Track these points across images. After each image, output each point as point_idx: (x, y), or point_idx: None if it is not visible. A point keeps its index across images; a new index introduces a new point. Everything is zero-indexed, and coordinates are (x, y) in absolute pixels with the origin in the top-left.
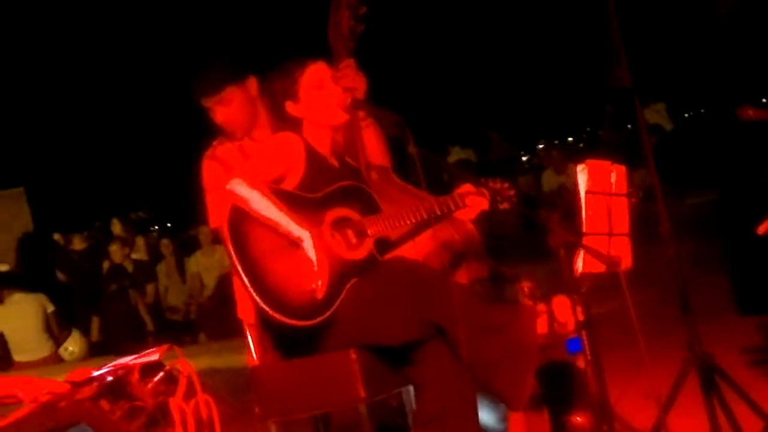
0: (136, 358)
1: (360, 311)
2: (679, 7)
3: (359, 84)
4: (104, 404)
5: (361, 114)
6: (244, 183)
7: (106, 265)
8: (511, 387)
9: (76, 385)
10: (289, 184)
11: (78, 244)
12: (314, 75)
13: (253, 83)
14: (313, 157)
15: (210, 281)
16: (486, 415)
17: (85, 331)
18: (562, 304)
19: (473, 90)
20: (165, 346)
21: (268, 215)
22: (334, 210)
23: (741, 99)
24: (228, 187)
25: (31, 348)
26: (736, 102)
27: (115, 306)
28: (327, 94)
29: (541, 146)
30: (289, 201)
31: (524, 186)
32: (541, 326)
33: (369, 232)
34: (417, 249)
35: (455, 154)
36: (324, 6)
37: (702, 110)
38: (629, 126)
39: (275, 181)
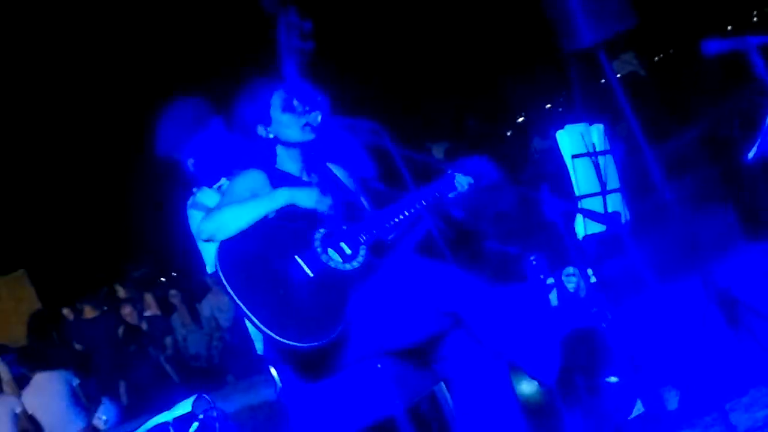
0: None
1: (372, 319)
2: None
3: None
4: None
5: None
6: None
7: (121, 329)
8: (539, 362)
9: None
10: None
11: (89, 312)
12: (283, 97)
13: (218, 123)
14: (287, 181)
15: (225, 321)
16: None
17: (115, 398)
18: (569, 274)
19: (439, 81)
20: (194, 396)
21: (249, 210)
22: (321, 227)
23: (705, 30)
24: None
25: (64, 424)
26: (702, 34)
27: (139, 367)
28: (296, 115)
29: (521, 119)
30: (274, 231)
31: (511, 159)
32: (554, 298)
33: (360, 238)
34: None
35: (438, 150)
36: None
37: (671, 50)
38: (603, 81)
39: None
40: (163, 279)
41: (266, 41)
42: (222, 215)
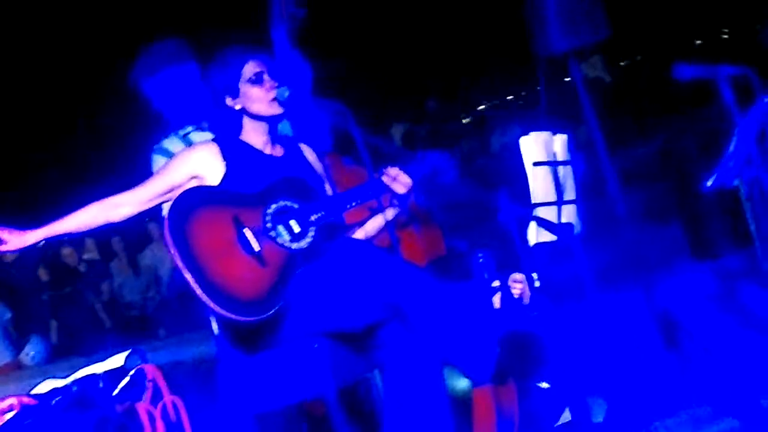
0: (99, 366)
1: (312, 300)
2: None
3: None
4: (73, 416)
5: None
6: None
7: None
8: (474, 361)
9: (43, 398)
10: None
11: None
12: (253, 69)
13: (193, 68)
14: (246, 152)
15: (164, 274)
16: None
17: (45, 335)
18: (516, 280)
19: (403, 60)
20: (127, 351)
21: None
22: (272, 203)
23: (674, 43)
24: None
25: None
26: (670, 46)
27: (72, 307)
28: (264, 89)
29: (482, 107)
30: (228, 200)
31: (469, 150)
32: (497, 300)
33: (311, 218)
34: (367, 232)
35: (398, 131)
36: None
37: (638, 57)
38: (567, 80)
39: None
40: None
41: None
42: None
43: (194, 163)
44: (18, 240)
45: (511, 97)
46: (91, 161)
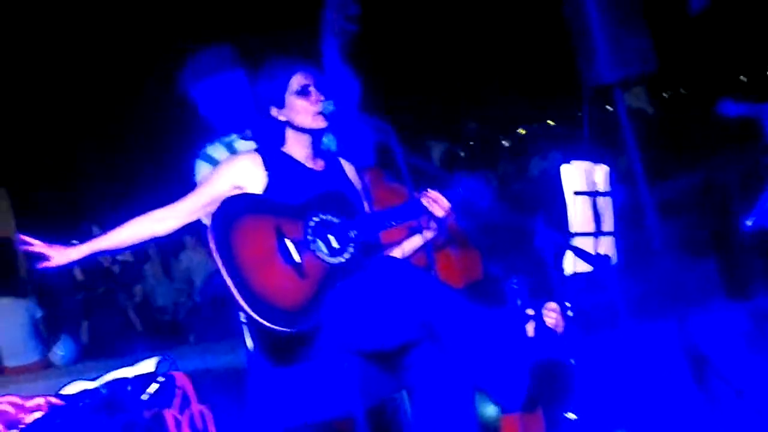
0: (130, 370)
1: (348, 316)
2: None
3: None
4: (101, 418)
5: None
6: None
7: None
8: (504, 388)
9: (71, 400)
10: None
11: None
12: (300, 81)
13: (240, 75)
14: (289, 164)
15: (198, 280)
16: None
17: (75, 335)
18: (550, 309)
19: (446, 78)
20: (158, 357)
21: None
22: (314, 216)
23: (719, 77)
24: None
25: (21, 353)
26: (714, 80)
27: (104, 309)
28: (310, 102)
29: (522, 131)
30: (271, 209)
31: (506, 173)
32: (531, 328)
33: (350, 234)
34: (405, 251)
35: (437, 149)
36: (315, 6)
37: (681, 89)
38: (609, 108)
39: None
40: None
41: (312, 17)
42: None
43: (237, 173)
44: (62, 256)
45: (550, 122)
46: (141, 169)
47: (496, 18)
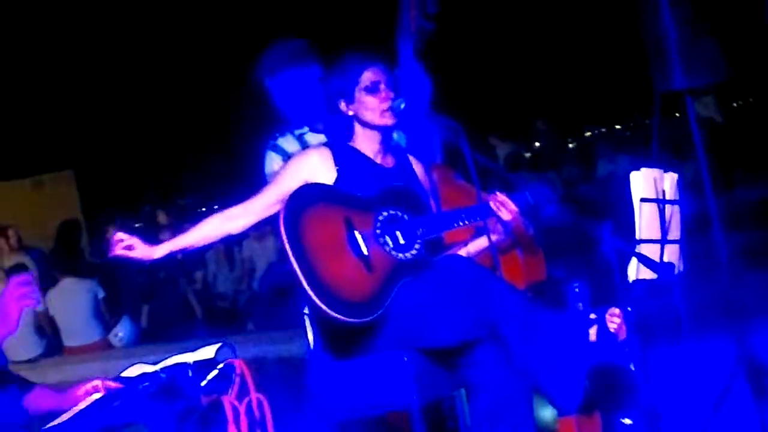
0: (190, 356)
1: (412, 312)
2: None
3: None
4: (159, 403)
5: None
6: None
7: None
8: (562, 390)
9: (130, 383)
10: None
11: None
12: (370, 78)
13: (315, 69)
14: (358, 159)
15: (259, 269)
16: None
17: (135, 318)
18: (614, 314)
19: (514, 77)
20: (219, 344)
21: None
22: (383, 210)
23: None
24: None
25: (82, 333)
26: None
27: (165, 293)
28: (379, 98)
29: (588, 134)
30: (341, 200)
31: (571, 175)
32: (593, 333)
33: (418, 231)
34: (470, 251)
35: (502, 148)
36: (392, 4)
37: (751, 99)
38: (678, 114)
39: None
40: (204, 210)
41: (390, 15)
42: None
43: (308, 168)
44: (145, 251)
45: (618, 126)
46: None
47: (569, 19)
